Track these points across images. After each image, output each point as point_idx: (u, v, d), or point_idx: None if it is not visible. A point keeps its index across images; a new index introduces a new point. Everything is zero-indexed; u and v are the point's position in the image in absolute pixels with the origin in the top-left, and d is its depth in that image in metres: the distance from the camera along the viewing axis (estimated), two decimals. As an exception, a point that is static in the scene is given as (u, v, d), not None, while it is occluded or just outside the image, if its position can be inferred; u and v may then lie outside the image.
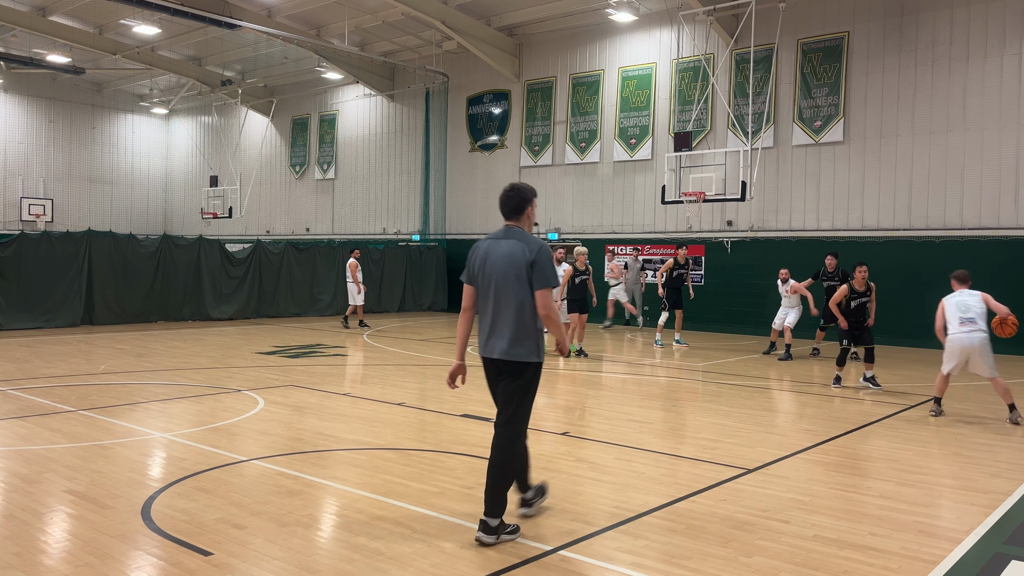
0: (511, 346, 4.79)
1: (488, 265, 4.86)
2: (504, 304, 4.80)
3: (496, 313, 4.83)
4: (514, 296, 4.76)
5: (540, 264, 4.74)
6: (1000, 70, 16.43)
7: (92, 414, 8.24)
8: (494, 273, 4.82)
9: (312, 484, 5.87)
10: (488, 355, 4.90)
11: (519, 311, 4.77)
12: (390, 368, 12.33)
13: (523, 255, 4.76)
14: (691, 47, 20.29)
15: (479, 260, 4.92)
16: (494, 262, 4.84)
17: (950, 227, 16.96)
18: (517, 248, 4.80)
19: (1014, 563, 4.56)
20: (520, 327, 4.78)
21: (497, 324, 4.83)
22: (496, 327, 4.83)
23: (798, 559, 4.55)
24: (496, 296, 4.82)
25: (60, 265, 17.57)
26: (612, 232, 21.93)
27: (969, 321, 8.89)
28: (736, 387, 11.07)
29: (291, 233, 30.71)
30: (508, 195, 5.02)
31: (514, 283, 4.76)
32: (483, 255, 4.91)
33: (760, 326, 18.71)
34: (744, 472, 6.43)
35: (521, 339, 4.79)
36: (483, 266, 4.89)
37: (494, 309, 4.84)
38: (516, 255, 4.77)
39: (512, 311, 4.78)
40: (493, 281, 4.82)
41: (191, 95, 32.84)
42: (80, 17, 25.42)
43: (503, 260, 4.80)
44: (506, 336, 4.79)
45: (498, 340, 4.82)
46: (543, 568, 4.33)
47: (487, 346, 4.89)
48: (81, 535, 4.74)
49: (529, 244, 4.81)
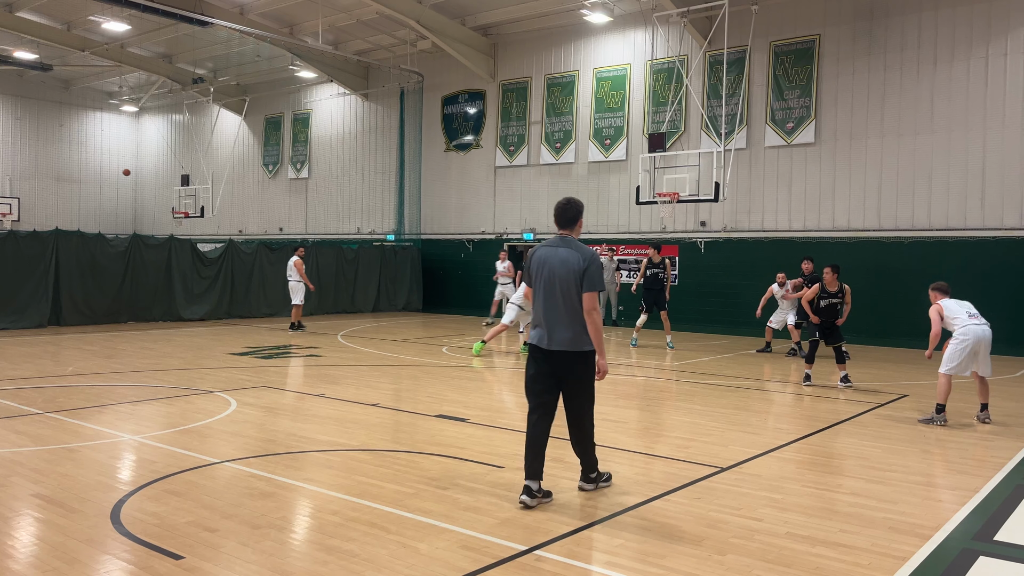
0: (576, 338, 5.46)
1: (547, 269, 5.53)
2: (567, 303, 5.46)
3: (557, 310, 5.48)
4: (575, 296, 5.44)
5: (590, 272, 5.44)
6: (967, 74, 16.72)
7: (59, 416, 8.10)
8: (556, 277, 5.48)
9: (285, 486, 5.82)
10: (550, 347, 5.48)
11: (578, 309, 5.45)
12: (364, 369, 12.27)
13: (578, 263, 5.45)
14: (665, 48, 20.42)
15: (536, 265, 5.60)
16: (553, 267, 5.51)
17: (918, 228, 17.23)
18: (573, 256, 5.48)
19: (982, 559, 4.64)
20: (580, 322, 5.46)
21: (561, 320, 5.47)
22: (560, 323, 5.47)
23: (771, 556, 4.59)
24: (557, 296, 5.48)
25: (26, 265, 17.25)
26: (587, 232, 22.00)
27: (976, 315, 8.76)
28: (710, 386, 11.15)
29: (264, 233, 30.44)
30: (565, 208, 5.70)
31: (570, 286, 5.44)
32: (541, 260, 5.59)
33: (733, 326, 18.91)
34: (717, 471, 6.48)
35: (582, 332, 5.46)
36: (541, 270, 5.56)
37: (556, 308, 5.48)
38: (572, 262, 5.46)
39: (573, 310, 5.45)
40: (557, 284, 5.48)
41: (162, 93, 32.42)
42: (48, 13, 24.99)
43: (562, 265, 5.48)
44: (570, 331, 5.45)
45: (563, 334, 5.46)
46: (518, 568, 4.33)
47: (550, 340, 5.49)
48: (48, 539, 4.66)
49: (583, 253, 5.51)
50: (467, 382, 11.09)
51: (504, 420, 8.54)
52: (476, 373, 12.06)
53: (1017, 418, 9.15)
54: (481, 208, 24.40)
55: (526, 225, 23.20)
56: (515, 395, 10.49)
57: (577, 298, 5.44)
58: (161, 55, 29.00)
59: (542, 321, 5.57)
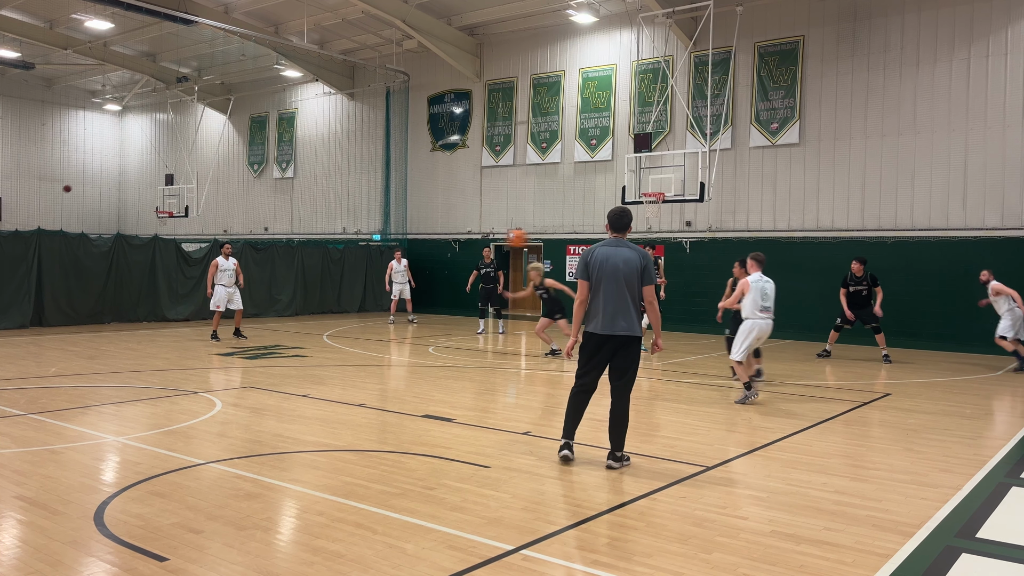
0: (633, 325, 6.37)
1: (610, 266, 6.37)
2: (627, 295, 6.34)
3: (621, 301, 6.34)
4: (636, 289, 6.37)
5: (648, 268, 6.42)
6: (949, 75, 16.87)
7: (42, 418, 8.03)
8: (619, 272, 6.34)
9: (271, 487, 5.80)
10: (612, 332, 6.35)
11: (636, 300, 6.39)
12: (350, 369, 12.23)
13: (638, 260, 6.39)
14: (651, 49, 20.48)
15: (598, 262, 6.42)
16: (615, 264, 6.37)
17: (901, 227, 17.38)
18: (632, 255, 6.41)
19: (964, 556, 4.68)
20: (637, 311, 6.41)
21: (621, 309, 6.33)
22: (620, 312, 6.33)
23: (756, 555, 4.61)
24: (621, 289, 6.34)
25: (8, 265, 17.08)
26: (573, 232, 22.04)
27: (767, 309, 9.80)
28: (695, 385, 11.20)
29: (249, 232, 30.29)
30: (620, 215, 6.64)
31: (635, 280, 6.35)
32: (602, 258, 6.42)
33: (718, 325, 18.92)
34: (703, 469, 6.50)
35: (637, 320, 6.41)
36: (602, 267, 6.39)
37: (618, 299, 6.34)
38: (632, 260, 6.38)
39: (632, 300, 6.37)
40: (621, 277, 6.34)
41: (145, 92, 32.18)
42: (30, 11, 24.75)
43: (624, 263, 6.36)
44: (629, 318, 6.34)
45: (622, 321, 6.33)
46: (505, 568, 4.33)
47: (612, 325, 6.34)
48: (31, 542, 4.62)
49: (641, 253, 6.45)
50: (453, 382, 11.09)
51: (490, 420, 8.54)
52: (463, 373, 12.05)
53: (998, 417, 9.24)
54: (467, 208, 24.39)
55: (512, 225, 23.21)
56: (502, 395, 10.50)
57: (638, 290, 6.38)
58: (145, 54, 28.78)
59: (604, 311, 6.36)
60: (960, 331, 16.36)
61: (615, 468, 6.41)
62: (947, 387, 11.39)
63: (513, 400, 10.11)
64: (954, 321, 16.48)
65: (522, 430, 7.94)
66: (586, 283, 6.47)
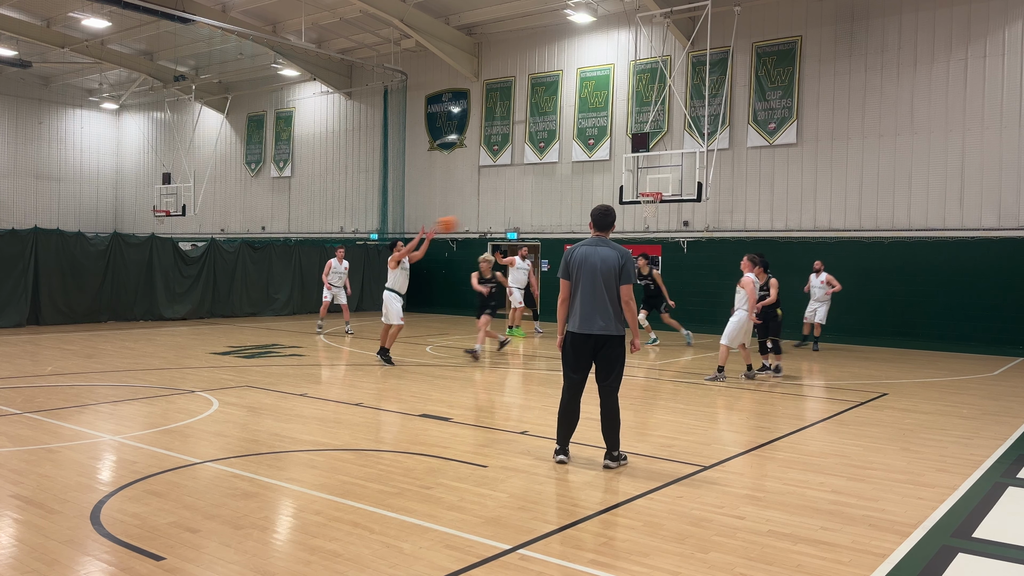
0: (611, 324, 6.34)
1: (588, 265, 6.36)
2: (606, 294, 6.32)
3: (598, 300, 6.32)
4: (614, 288, 6.32)
5: (627, 267, 6.36)
6: (946, 76, 16.90)
7: (39, 417, 8.02)
8: (597, 271, 6.32)
9: (268, 486, 5.79)
10: (589, 331, 6.33)
11: (615, 299, 6.35)
12: (347, 368, 12.22)
13: (617, 260, 6.35)
14: (648, 49, 20.49)
15: (578, 261, 6.42)
16: (594, 263, 6.35)
17: (898, 228, 17.40)
18: (612, 254, 6.37)
19: (961, 555, 4.69)
20: (616, 310, 6.37)
21: (598, 308, 6.33)
22: (597, 311, 6.32)
23: (753, 554, 4.62)
24: (599, 288, 6.32)
25: (5, 264, 17.05)
26: (571, 232, 22.04)
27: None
28: (692, 385, 11.21)
29: (246, 232, 30.26)
30: (603, 214, 6.60)
31: (612, 279, 6.31)
32: (582, 257, 6.41)
33: (716, 324, 18.95)
34: (700, 469, 6.51)
35: (617, 319, 6.38)
36: (582, 266, 6.38)
37: (597, 298, 6.32)
38: (611, 259, 6.35)
39: (610, 299, 6.34)
40: (598, 277, 6.31)
41: (143, 90, 32.14)
42: (27, 9, 24.71)
43: (603, 262, 6.34)
44: (608, 317, 6.33)
45: (600, 320, 6.32)
46: (502, 567, 4.33)
47: (590, 324, 6.33)
48: (28, 541, 4.61)
49: (620, 251, 6.41)
50: (451, 381, 11.08)
51: (488, 419, 8.54)
52: (460, 372, 12.05)
53: (996, 416, 9.26)
54: (465, 207, 24.37)
55: (510, 224, 23.21)
56: (499, 395, 10.50)
57: (616, 290, 6.32)
58: (142, 52, 28.75)
59: (582, 310, 6.37)
60: (957, 331, 16.40)
61: (612, 468, 6.43)
62: (944, 387, 11.41)
63: (511, 399, 10.10)
64: (951, 321, 16.51)
65: (520, 429, 7.94)
66: (567, 282, 6.50)
